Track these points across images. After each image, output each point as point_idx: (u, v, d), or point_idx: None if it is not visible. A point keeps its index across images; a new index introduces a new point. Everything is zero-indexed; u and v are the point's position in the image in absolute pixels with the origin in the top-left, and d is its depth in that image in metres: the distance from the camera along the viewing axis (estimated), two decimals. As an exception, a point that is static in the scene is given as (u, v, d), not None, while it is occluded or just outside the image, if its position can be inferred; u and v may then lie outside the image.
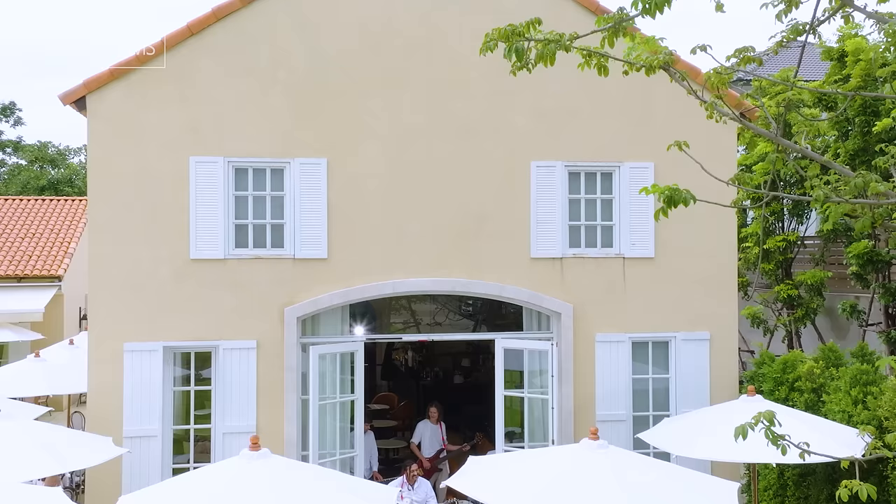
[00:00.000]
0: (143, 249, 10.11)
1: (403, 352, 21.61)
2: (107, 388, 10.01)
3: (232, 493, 5.99)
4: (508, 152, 10.70)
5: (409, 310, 13.64)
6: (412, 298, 17.62)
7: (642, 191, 4.94)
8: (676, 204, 4.60)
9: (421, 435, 12.47)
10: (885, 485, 8.38)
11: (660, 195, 4.69)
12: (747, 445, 8.30)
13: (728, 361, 11.10)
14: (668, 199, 4.58)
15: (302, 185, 10.33)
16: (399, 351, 21.47)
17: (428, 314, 21.30)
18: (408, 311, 13.59)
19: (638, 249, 10.95)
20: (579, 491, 6.24)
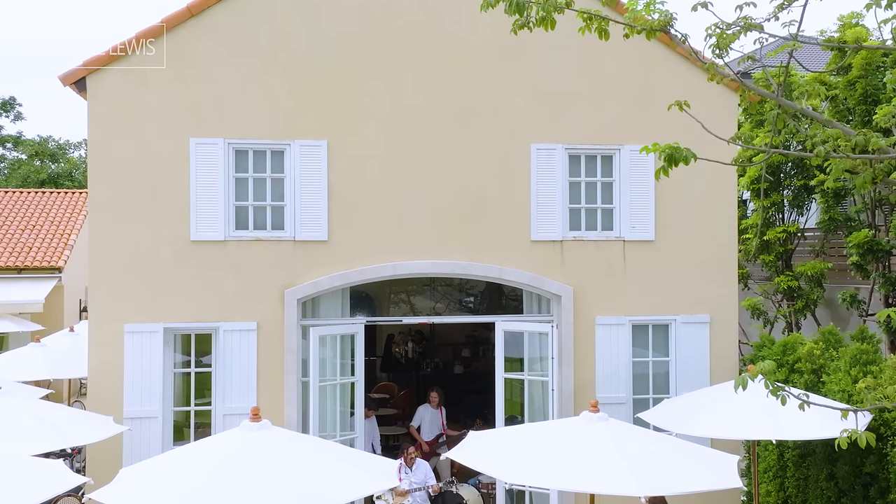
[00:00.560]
0: (143, 231, 10.11)
1: (403, 344, 21.61)
2: (107, 369, 10.02)
3: (233, 463, 5.99)
4: (508, 134, 10.70)
5: (408, 303, 13.64)
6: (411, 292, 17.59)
7: (643, 150, 4.93)
8: (677, 162, 4.60)
9: (421, 419, 12.48)
10: (885, 462, 8.39)
11: (660, 154, 4.69)
12: (747, 422, 8.38)
13: (728, 344, 11.11)
14: (668, 158, 4.59)
15: (302, 167, 10.32)
16: (399, 343, 21.47)
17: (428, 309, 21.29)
18: (407, 304, 13.59)
19: (638, 232, 10.95)
20: (580, 461, 6.25)
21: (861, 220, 15.39)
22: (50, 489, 6.24)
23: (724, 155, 11.19)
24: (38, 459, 6.77)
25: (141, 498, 5.87)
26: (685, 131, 11.10)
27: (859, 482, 8.77)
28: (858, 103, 14.06)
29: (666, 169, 4.74)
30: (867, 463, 8.60)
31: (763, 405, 8.47)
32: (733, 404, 8.69)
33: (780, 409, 8.46)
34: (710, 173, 11.07)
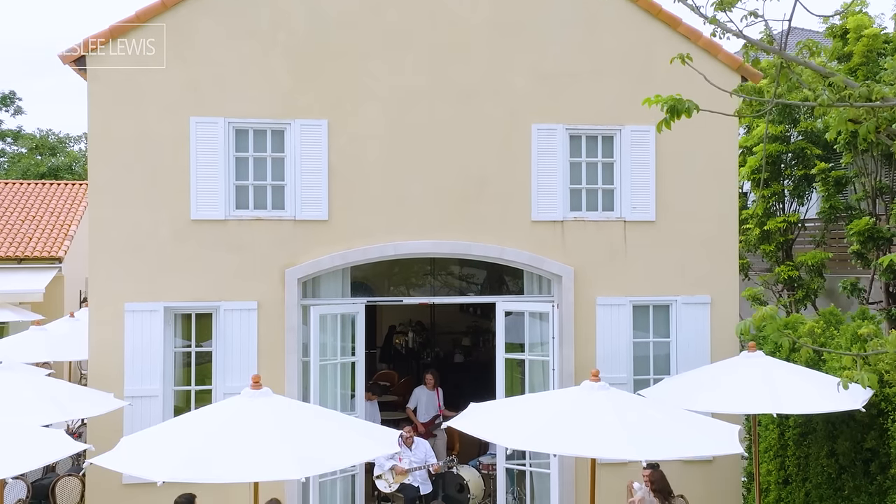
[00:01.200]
0: (143, 210, 10.10)
1: (403, 335, 21.61)
2: (107, 348, 10.01)
3: (233, 429, 5.98)
4: (509, 114, 10.69)
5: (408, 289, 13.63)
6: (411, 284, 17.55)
7: (645, 102, 4.90)
8: (679, 114, 4.58)
9: (417, 400, 12.47)
10: (886, 437, 8.37)
11: (662, 105, 4.66)
12: (748, 397, 8.37)
13: (729, 325, 11.08)
14: (671, 109, 4.57)
15: (302, 147, 10.31)
16: (399, 335, 21.47)
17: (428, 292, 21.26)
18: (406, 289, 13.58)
19: (639, 213, 10.94)
20: (580, 427, 6.24)
21: (862, 208, 15.38)
22: (51, 454, 6.23)
23: (725, 132, 11.27)
24: (39, 428, 6.76)
25: (142, 463, 5.86)
26: (686, 111, 11.12)
27: (860, 458, 8.76)
28: (860, 91, 14.01)
29: (668, 121, 4.72)
30: (868, 438, 8.59)
31: (763, 380, 8.52)
32: (733, 379, 8.71)
33: (780, 384, 8.49)
34: (711, 154, 11.09)
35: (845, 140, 14.39)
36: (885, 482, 8.41)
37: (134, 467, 5.88)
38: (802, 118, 16.12)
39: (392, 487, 10.29)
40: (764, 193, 16.18)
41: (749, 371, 8.69)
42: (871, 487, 8.61)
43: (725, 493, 10.95)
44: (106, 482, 9.97)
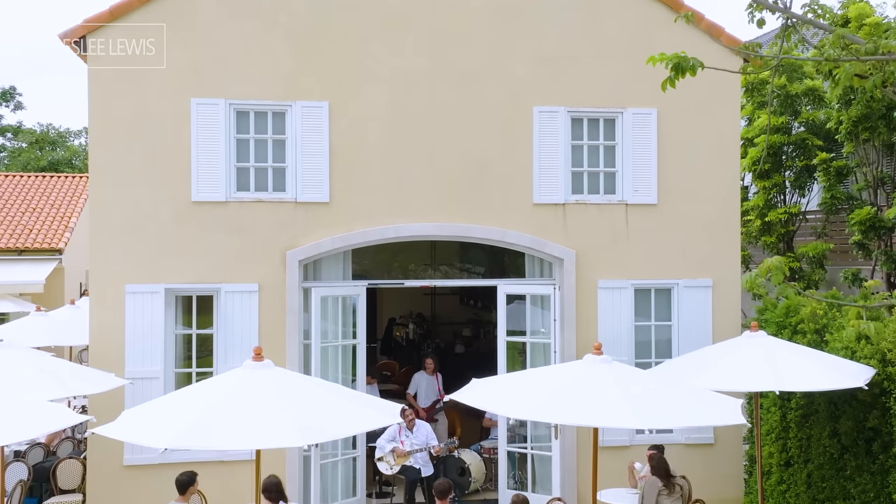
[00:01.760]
0: (143, 191, 10.08)
1: (404, 326, 21.60)
2: (108, 329, 9.99)
3: (234, 399, 5.96)
4: (510, 97, 10.66)
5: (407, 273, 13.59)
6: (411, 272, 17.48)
7: (649, 60, 4.87)
8: (684, 72, 4.56)
9: (417, 385, 12.45)
10: (888, 416, 8.36)
11: (667, 63, 4.64)
12: (750, 375, 8.35)
13: (730, 309, 11.08)
14: (675, 67, 4.53)
15: (304, 129, 10.29)
16: (399, 326, 21.46)
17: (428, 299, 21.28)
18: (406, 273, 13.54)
19: (641, 196, 10.92)
20: (582, 398, 6.22)
21: (863, 198, 15.34)
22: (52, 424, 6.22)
23: (727, 114, 11.24)
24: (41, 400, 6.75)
25: (144, 432, 5.84)
26: (688, 92, 11.12)
27: (862, 437, 8.75)
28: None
29: (672, 80, 4.69)
30: (870, 417, 8.58)
31: (765, 360, 8.49)
32: (735, 359, 8.70)
33: (783, 362, 8.47)
34: (713, 137, 11.07)
35: (847, 130, 14.36)
36: (887, 461, 8.40)
37: (136, 436, 5.87)
38: (803, 109, 16.10)
39: (393, 469, 10.28)
40: (765, 166, 16.00)
41: (751, 350, 8.67)
42: (873, 467, 8.60)
43: (727, 475, 10.93)
44: (107, 464, 9.97)
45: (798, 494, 9.75)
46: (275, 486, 8.12)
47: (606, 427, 6.34)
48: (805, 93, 15.76)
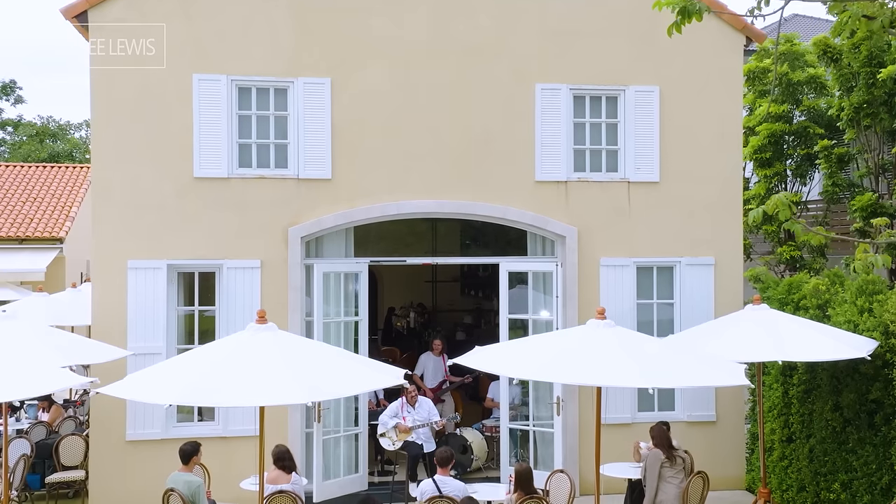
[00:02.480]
0: (145, 167, 10.09)
1: (405, 315, 21.59)
2: (111, 305, 9.99)
3: (238, 360, 5.96)
4: (513, 74, 10.66)
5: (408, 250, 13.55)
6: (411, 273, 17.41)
7: (655, 5, 4.85)
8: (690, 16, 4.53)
9: (424, 366, 12.45)
10: (891, 388, 8.36)
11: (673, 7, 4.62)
12: (753, 346, 8.35)
13: (733, 287, 11.08)
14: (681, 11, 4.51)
15: (305, 105, 10.29)
16: (400, 317, 21.46)
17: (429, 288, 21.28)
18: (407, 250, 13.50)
19: (643, 174, 10.92)
20: (586, 359, 6.22)
21: (864, 185, 15.33)
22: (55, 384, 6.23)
23: (729, 92, 11.22)
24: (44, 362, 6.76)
25: (148, 390, 5.84)
26: (690, 70, 11.15)
27: (864, 410, 8.74)
28: (863, 65, 13.96)
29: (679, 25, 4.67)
30: (872, 390, 8.57)
31: (768, 332, 8.49)
32: (738, 331, 8.69)
33: (786, 334, 8.47)
34: (715, 114, 11.07)
35: (848, 116, 14.35)
36: (889, 433, 8.39)
37: (140, 394, 5.86)
38: (805, 98, 16.10)
39: (395, 445, 10.28)
40: (767, 128, 15.82)
41: (754, 322, 8.67)
42: (875, 439, 8.60)
43: (729, 453, 10.94)
44: (109, 439, 9.99)
45: (800, 469, 9.75)
46: (288, 455, 8.15)
47: (611, 386, 6.32)
48: (807, 81, 15.75)
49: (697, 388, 10.88)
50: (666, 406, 10.93)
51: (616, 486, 9.90)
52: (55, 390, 6.77)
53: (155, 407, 10.01)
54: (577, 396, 10.67)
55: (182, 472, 8.03)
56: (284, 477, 8.11)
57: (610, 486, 9.83)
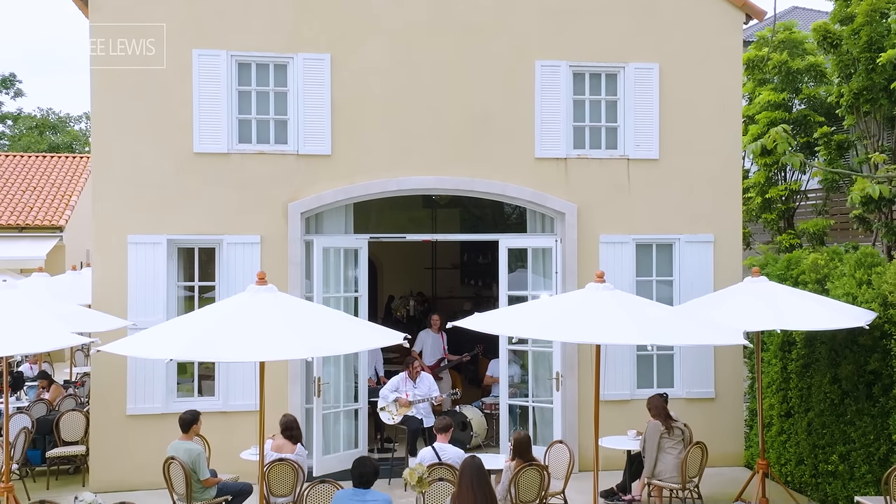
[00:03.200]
0: (145, 142, 10.10)
1: (405, 303, 21.61)
2: (111, 279, 10.01)
3: (239, 318, 5.97)
4: (513, 51, 10.67)
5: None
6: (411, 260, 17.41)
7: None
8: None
9: (422, 343, 12.48)
10: (889, 358, 8.38)
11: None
12: (752, 316, 8.37)
13: (732, 264, 11.09)
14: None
15: (305, 81, 10.30)
16: (399, 307, 21.48)
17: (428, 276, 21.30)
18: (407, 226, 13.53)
19: (642, 151, 10.94)
20: (585, 319, 6.24)
21: (864, 172, 15.33)
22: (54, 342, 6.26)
23: (729, 69, 11.23)
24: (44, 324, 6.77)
25: (148, 347, 5.86)
26: (689, 47, 11.17)
27: (862, 381, 8.77)
28: (863, 51, 13.97)
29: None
30: (871, 361, 8.60)
31: (767, 303, 8.51)
32: (737, 302, 8.71)
33: (784, 304, 8.49)
34: (715, 91, 11.09)
35: (848, 103, 14.36)
36: (887, 403, 8.42)
37: (142, 350, 5.88)
38: (805, 86, 16.11)
39: (395, 419, 10.30)
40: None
41: (753, 294, 8.69)
42: (873, 410, 8.62)
43: (728, 430, 10.96)
44: (110, 414, 10.01)
45: (798, 443, 9.78)
46: (296, 425, 8.17)
47: (610, 343, 6.34)
48: (806, 69, 15.76)
49: (696, 364, 10.96)
50: (665, 383, 10.95)
51: (615, 462, 9.94)
52: (55, 348, 6.79)
53: (155, 381, 10.07)
54: (576, 372, 10.70)
55: (182, 441, 8.06)
56: (289, 446, 8.13)
57: (609, 462, 9.86)
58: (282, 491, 7.94)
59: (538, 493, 7.83)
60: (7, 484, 8.11)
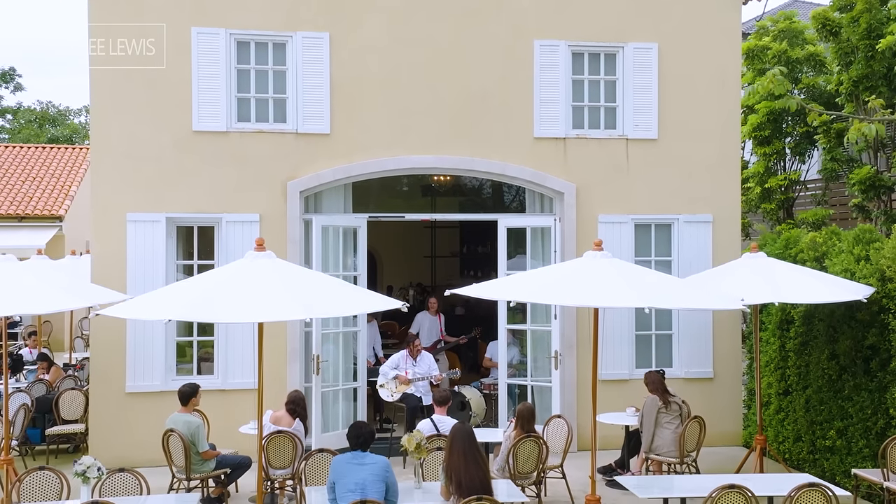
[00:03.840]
0: (145, 120, 10.11)
1: (404, 296, 21.61)
2: (110, 257, 10.03)
3: (237, 281, 5.98)
4: (512, 30, 10.68)
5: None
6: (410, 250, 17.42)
7: None
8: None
9: (420, 325, 12.49)
10: (886, 332, 8.39)
11: None
12: (749, 289, 8.38)
13: (730, 244, 11.09)
14: None
15: (304, 60, 10.31)
16: (399, 296, 21.46)
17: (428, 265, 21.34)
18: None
19: (641, 130, 10.94)
20: (583, 283, 6.24)
21: (863, 160, 15.34)
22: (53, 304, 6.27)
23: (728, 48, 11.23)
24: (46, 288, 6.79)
25: (146, 309, 5.87)
26: (688, 26, 11.17)
27: (860, 356, 8.78)
28: (862, 38, 13.97)
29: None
30: (869, 335, 8.61)
31: (765, 278, 8.52)
32: (735, 277, 8.72)
33: (782, 279, 8.51)
34: (714, 70, 11.09)
35: (847, 90, 14.36)
36: (885, 377, 8.44)
37: (140, 311, 5.89)
38: (804, 76, 16.11)
39: (394, 396, 10.32)
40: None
41: (751, 269, 8.70)
42: (871, 384, 8.64)
43: (726, 409, 10.97)
44: (109, 392, 10.02)
45: (796, 420, 9.79)
46: (301, 402, 8.16)
47: (608, 306, 6.35)
48: (806, 59, 15.76)
49: (694, 344, 10.97)
50: (664, 363, 10.96)
51: (614, 442, 9.96)
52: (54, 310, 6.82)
53: (154, 359, 10.08)
54: (574, 352, 10.71)
55: (181, 413, 8.07)
56: (287, 419, 8.15)
57: (608, 442, 9.90)
58: (280, 463, 7.96)
59: (536, 464, 7.85)
60: (7, 457, 8.12)
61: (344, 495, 5.82)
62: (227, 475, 8.27)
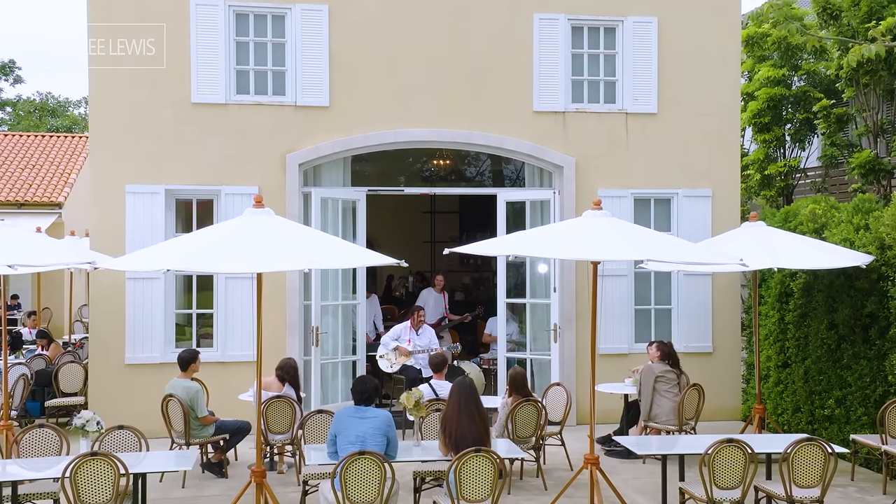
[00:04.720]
0: (143, 91, 10.10)
1: (404, 280, 21.61)
2: (110, 229, 10.02)
3: (235, 235, 5.97)
4: (511, 3, 10.66)
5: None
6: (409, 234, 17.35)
7: None
8: None
9: (424, 302, 12.49)
10: (885, 300, 8.39)
11: None
12: (749, 256, 8.38)
13: (730, 219, 11.06)
14: None
15: (303, 33, 10.30)
16: (398, 287, 21.46)
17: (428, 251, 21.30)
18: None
19: (640, 105, 10.94)
20: (581, 239, 6.24)
21: (863, 145, 15.32)
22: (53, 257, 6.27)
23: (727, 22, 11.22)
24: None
25: (145, 260, 5.87)
26: (688, 1, 11.16)
27: (859, 325, 8.78)
28: (862, 21, 13.95)
29: None
30: (868, 304, 8.61)
31: (764, 246, 8.52)
32: (734, 245, 8.71)
33: (781, 247, 8.51)
34: (713, 46, 11.09)
35: (847, 75, 14.35)
36: (884, 345, 8.44)
37: (139, 263, 5.89)
38: (804, 62, 16.09)
39: (394, 368, 10.32)
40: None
41: (750, 237, 8.70)
42: (870, 353, 8.64)
43: (725, 383, 10.97)
44: (108, 364, 10.02)
45: (795, 391, 9.79)
46: (292, 369, 8.15)
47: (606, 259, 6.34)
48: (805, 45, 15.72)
49: (694, 318, 10.97)
50: (663, 337, 10.85)
51: (612, 416, 9.97)
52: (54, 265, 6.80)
53: (154, 330, 10.09)
54: (574, 325, 10.71)
55: (181, 379, 8.08)
56: (277, 385, 8.16)
57: (607, 416, 9.91)
58: (279, 428, 7.96)
59: (535, 430, 7.85)
60: (6, 422, 8.13)
61: (344, 447, 5.83)
62: (227, 440, 8.27)
